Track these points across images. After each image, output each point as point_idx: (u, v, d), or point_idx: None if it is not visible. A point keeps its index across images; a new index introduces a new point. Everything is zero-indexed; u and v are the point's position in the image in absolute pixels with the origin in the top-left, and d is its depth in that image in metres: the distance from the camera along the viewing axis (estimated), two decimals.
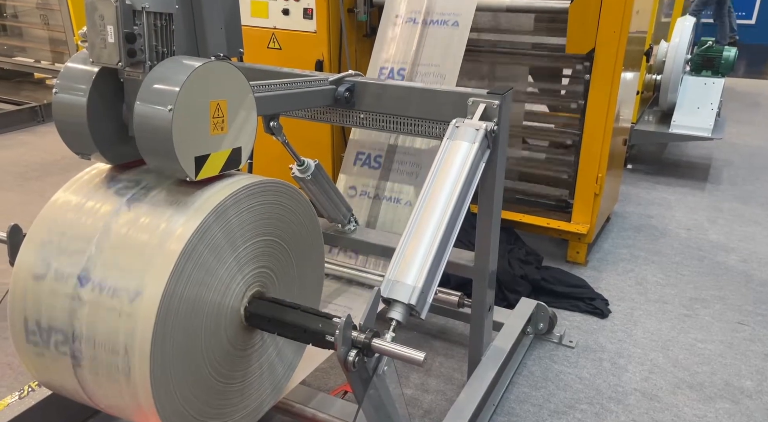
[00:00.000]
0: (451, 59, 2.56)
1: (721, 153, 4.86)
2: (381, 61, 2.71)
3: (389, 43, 2.70)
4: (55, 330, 1.39)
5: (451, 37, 2.58)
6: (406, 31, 2.68)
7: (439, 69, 2.58)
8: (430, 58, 2.61)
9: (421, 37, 2.65)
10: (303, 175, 2.11)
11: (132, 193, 1.45)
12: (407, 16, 2.69)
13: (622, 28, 2.80)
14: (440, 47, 2.59)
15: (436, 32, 2.62)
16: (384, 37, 2.73)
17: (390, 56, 2.69)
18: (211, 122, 1.38)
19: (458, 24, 2.58)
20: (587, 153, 3.09)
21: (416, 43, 2.64)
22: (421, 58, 2.63)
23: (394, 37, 2.70)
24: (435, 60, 2.60)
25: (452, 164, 1.86)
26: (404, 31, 2.69)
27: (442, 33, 2.61)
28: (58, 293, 1.38)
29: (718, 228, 3.71)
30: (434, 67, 2.59)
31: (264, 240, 1.59)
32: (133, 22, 1.30)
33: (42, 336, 1.40)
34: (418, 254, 1.69)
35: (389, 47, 2.70)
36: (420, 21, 2.65)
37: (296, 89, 1.99)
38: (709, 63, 4.38)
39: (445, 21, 2.62)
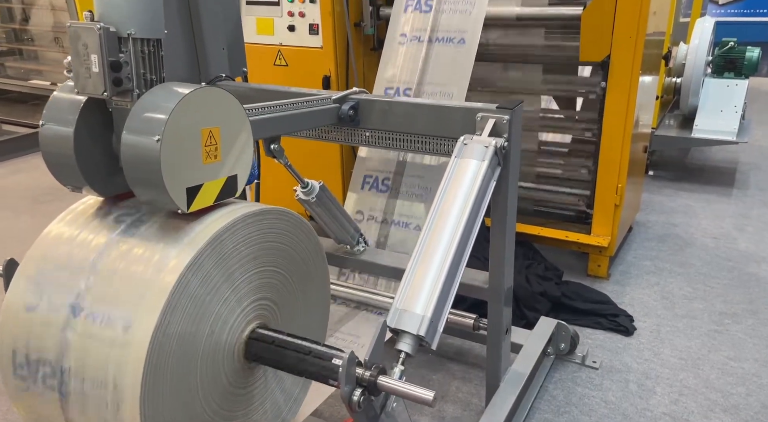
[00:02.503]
0: (458, 78, 2.48)
1: (748, 157, 4.68)
2: (386, 82, 2.65)
3: (394, 63, 2.64)
4: (43, 362, 1.34)
5: (457, 55, 2.50)
6: (411, 50, 2.61)
7: (446, 88, 2.51)
8: (436, 77, 2.54)
9: (427, 56, 2.57)
10: (307, 197, 2.04)
11: (124, 225, 1.39)
12: (412, 35, 2.63)
13: (638, 33, 2.69)
14: (446, 66, 2.51)
15: (441, 51, 2.54)
16: (389, 56, 2.66)
17: (395, 76, 2.62)
18: (203, 151, 1.32)
19: (464, 41, 2.50)
20: (606, 163, 2.97)
21: (422, 62, 2.57)
22: (426, 77, 2.56)
23: (399, 56, 2.63)
24: (441, 79, 2.52)
25: (461, 183, 1.77)
26: (409, 50, 2.61)
27: (448, 51, 2.53)
28: (50, 324, 1.33)
29: (747, 237, 3.55)
30: (440, 86, 2.52)
31: (264, 271, 1.52)
32: (118, 49, 1.24)
33: (30, 369, 1.35)
34: (427, 281, 1.61)
35: (394, 67, 2.64)
36: (425, 39, 2.58)
37: (298, 110, 1.93)
38: (732, 64, 4.22)
39: (451, 39, 2.54)
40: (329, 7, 2.97)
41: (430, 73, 2.55)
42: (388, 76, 2.64)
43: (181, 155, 1.26)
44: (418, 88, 2.56)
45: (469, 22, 2.51)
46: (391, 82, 2.63)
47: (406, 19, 2.66)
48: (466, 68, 2.47)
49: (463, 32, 2.51)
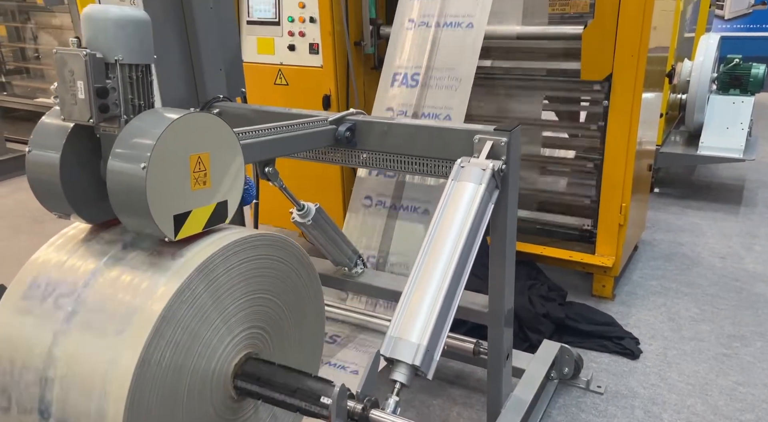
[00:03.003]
0: (467, 62, 2.46)
1: (755, 174, 4.62)
2: (394, 67, 2.63)
3: (402, 48, 2.62)
4: (26, 395, 1.30)
5: (465, 39, 2.48)
6: (419, 35, 2.60)
7: (454, 72, 2.49)
8: (444, 61, 2.52)
9: (435, 41, 2.55)
10: (303, 220, 2.01)
11: (113, 252, 1.37)
12: (420, 20, 2.61)
13: (640, 51, 2.66)
14: (455, 50, 2.49)
15: (449, 35, 2.52)
16: (397, 42, 2.65)
17: (403, 61, 2.61)
18: (191, 177, 1.29)
19: (472, 25, 2.48)
20: (609, 182, 2.93)
21: (429, 46, 2.55)
22: (435, 62, 2.54)
23: (406, 41, 2.62)
24: (449, 63, 2.50)
25: (457, 207, 1.74)
26: (417, 35, 2.60)
27: (456, 35, 2.51)
28: (33, 351, 1.30)
29: (755, 256, 3.48)
30: (448, 70, 2.50)
31: (256, 298, 1.48)
32: (105, 75, 1.23)
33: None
34: (423, 308, 1.57)
35: (402, 52, 2.62)
36: (433, 24, 2.57)
37: (293, 132, 1.91)
38: (737, 81, 4.18)
39: (459, 23, 2.53)
40: (329, 27, 2.97)
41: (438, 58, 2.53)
42: (397, 62, 2.63)
43: (168, 182, 1.24)
44: (426, 72, 2.54)
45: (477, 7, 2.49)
46: (400, 68, 2.61)
47: (413, 4, 2.64)
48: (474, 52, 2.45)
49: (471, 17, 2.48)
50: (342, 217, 2.78)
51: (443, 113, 2.53)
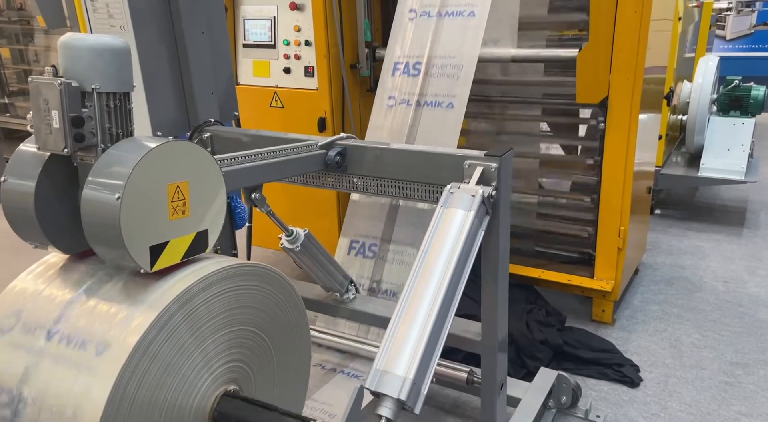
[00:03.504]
0: (469, 50, 2.45)
1: (758, 195, 4.56)
2: (395, 57, 2.62)
3: (403, 39, 2.61)
4: None
5: (467, 27, 2.46)
6: (420, 24, 2.59)
7: (456, 60, 2.48)
8: (446, 50, 2.50)
9: (437, 30, 2.54)
10: (292, 246, 1.98)
11: (91, 282, 1.34)
12: (422, 10, 2.61)
13: (635, 75, 2.64)
14: (456, 39, 2.48)
15: (451, 24, 2.51)
16: (398, 33, 2.64)
17: (405, 51, 2.59)
18: (169, 207, 1.27)
19: (474, 14, 2.47)
20: (607, 206, 2.89)
21: (431, 36, 2.54)
22: (436, 51, 2.53)
23: (408, 32, 2.61)
24: (451, 52, 2.49)
25: (446, 234, 1.70)
26: (419, 25, 2.59)
27: (457, 24, 2.50)
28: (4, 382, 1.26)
29: (758, 280, 3.42)
30: (450, 58, 2.49)
31: (237, 331, 1.44)
32: (81, 104, 1.21)
33: None
34: (410, 339, 1.52)
35: (404, 43, 2.61)
36: (434, 14, 2.56)
37: (281, 157, 1.89)
38: (737, 103, 4.15)
39: (461, 12, 2.52)
40: (324, 50, 2.97)
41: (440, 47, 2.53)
42: (398, 52, 2.62)
43: (143, 212, 1.21)
44: (428, 61, 2.53)
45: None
46: (401, 57, 2.60)
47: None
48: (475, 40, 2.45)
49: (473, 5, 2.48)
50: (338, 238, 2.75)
51: (445, 100, 2.50)
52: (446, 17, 2.52)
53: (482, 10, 2.43)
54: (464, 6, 2.49)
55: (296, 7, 2.99)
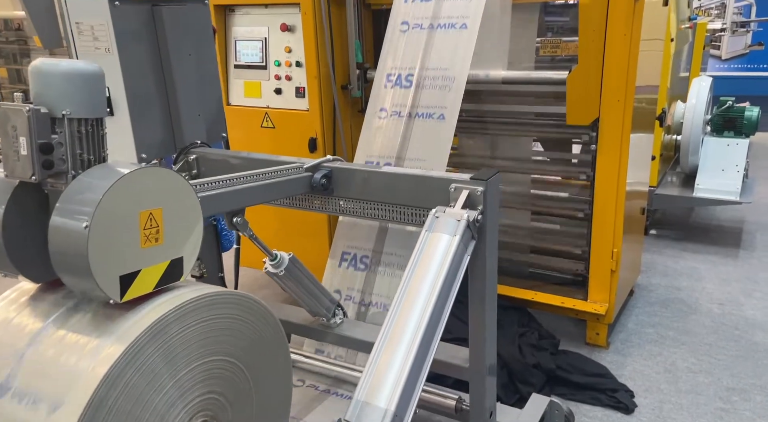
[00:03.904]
0: (460, 62, 2.44)
1: (754, 216, 4.53)
2: (387, 69, 2.61)
3: (395, 51, 2.60)
4: None
5: (459, 40, 2.46)
6: (412, 37, 2.58)
7: (448, 72, 2.47)
8: (438, 62, 2.50)
9: (428, 42, 2.53)
10: (276, 270, 1.94)
11: (62, 311, 1.30)
12: (414, 23, 2.61)
13: (626, 96, 2.63)
14: (448, 51, 2.48)
15: (443, 36, 2.50)
16: (390, 45, 2.63)
17: (397, 63, 2.59)
18: (141, 235, 1.24)
19: (466, 26, 2.46)
20: (600, 227, 2.86)
21: (423, 48, 2.53)
22: (428, 62, 2.52)
23: (400, 44, 2.60)
24: (443, 64, 2.48)
25: (431, 260, 1.67)
26: (411, 38, 2.58)
27: (449, 36, 2.49)
28: None
29: (754, 303, 3.38)
30: (442, 70, 2.48)
31: (214, 361, 1.40)
32: (51, 130, 1.18)
33: None
34: (392, 370, 1.48)
35: (395, 55, 2.60)
36: (426, 26, 2.55)
37: (265, 180, 1.86)
38: (731, 124, 4.14)
39: (453, 24, 2.51)
40: (315, 71, 2.97)
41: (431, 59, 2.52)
42: (390, 64, 2.62)
43: (113, 241, 1.18)
44: (420, 73, 2.52)
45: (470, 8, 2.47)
46: (393, 69, 2.60)
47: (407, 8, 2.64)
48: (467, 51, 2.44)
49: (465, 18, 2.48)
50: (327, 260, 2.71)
51: (437, 112, 2.49)
52: (438, 29, 2.52)
53: (474, 22, 2.43)
54: (456, 18, 2.48)
55: (287, 29, 2.99)
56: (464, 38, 2.44)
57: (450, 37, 2.48)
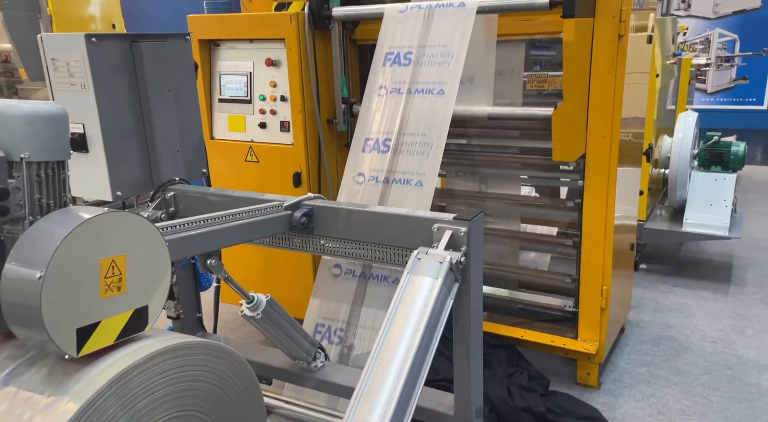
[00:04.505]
0: (438, 128, 2.44)
1: (744, 250, 4.51)
2: (365, 133, 2.60)
3: (374, 115, 2.60)
4: None
5: (437, 106, 2.46)
6: (390, 101, 2.58)
7: (426, 138, 2.46)
8: (415, 127, 2.49)
9: (406, 107, 2.54)
10: (253, 313, 1.87)
11: (12, 367, 1.22)
12: (392, 87, 2.61)
13: (612, 133, 2.61)
14: (426, 117, 2.48)
15: (421, 101, 2.51)
16: (368, 108, 2.63)
17: (375, 127, 2.59)
18: (102, 284, 1.17)
19: (444, 92, 2.47)
20: (588, 264, 2.81)
21: (401, 113, 2.53)
22: (406, 128, 2.52)
23: (378, 108, 2.60)
24: (421, 129, 2.48)
25: (413, 304, 1.61)
26: (389, 102, 2.58)
27: (427, 102, 2.50)
28: None
29: (747, 340, 3.31)
30: (420, 136, 2.48)
31: (182, 417, 1.32)
32: (8, 174, 1.13)
33: None
34: (372, 420, 1.41)
35: (374, 119, 2.60)
36: (404, 91, 2.56)
37: (243, 220, 1.81)
38: (718, 158, 4.15)
39: (431, 90, 2.52)
40: (300, 106, 2.94)
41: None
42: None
43: (70, 291, 1.11)
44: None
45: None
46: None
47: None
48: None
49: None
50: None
51: (415, 178, 2.48)
52: (416, 94, 2.52)
53: (451, 88, 2.44)
54: (434, 84, 2.49)
55: (272, 63, 2.98)
56: (442, 104, 2.45)
57: (427, 102, 2.48)
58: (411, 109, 2.55)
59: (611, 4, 2.46)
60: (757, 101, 8.61)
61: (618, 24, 2.47)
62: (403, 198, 2.47)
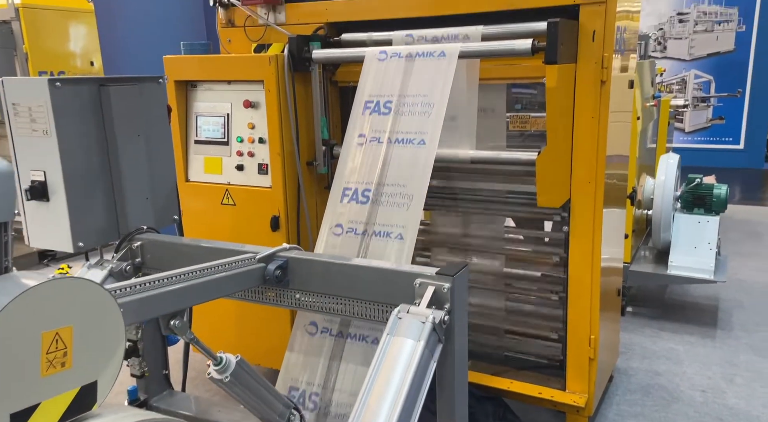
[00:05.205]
0: (419, 179, 2.37)
1: (728, 292, 4.47)
2: (344, 182, 2.54)
3: (353, 163, 2.54)
4: None
5: (417, 157, 2.41)
6: (370, 150, 2.52)
7: (406, 189, 2.40)
8: (395, 178, 2.43)
9: (386, 157, 2.48)
10: (221, 376, 1.73)
11: None
12: (371, 135, 2.54)
13: (597, 178, 2.56)
14: (406, 167, 2.42)
15: (401, 152, 2.45)
16: (347, 157, 2.56)
17: (354, 177, 2.51)
18: (43, 360, 1.05)
19: (424, 142, 2.41)
20: (575, 313, 2.72)
21: (381, 163, 2.47)
22: (386, 178, 2.45)
23: (357, 156, 2.54)
24: (401, 180, 2.41)
25: (393, 369, 1.50)
26: (368, 151, 2.53)
27: (407, 152, 2.44)
28: None
29: (736, 389, 3.23)
30: (400, 187, 2.42)
31: None
32: None
33: None
34: None
35: (353, 167, 2.53)
36: (384, 140, 2.50)
37: (211, 275, 1.69)
38: (700, 201, 4.14)
39: (411, 140, 2.46)
40: (278, 148, 2.86)
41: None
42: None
43: (4, 371, 0.99)
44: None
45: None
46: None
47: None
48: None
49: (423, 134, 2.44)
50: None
51: (395, 231, 2.39)
52: (396, 144, 2.47)
53: (432, 138, 2.40)
54: (414, 134, 2.44)
55: (251, 105, 2.91)
56: (422, 154, 2.40)
57: (408, 152, 2.43)
58: (391, 159, 2.48)
59: (593, 51, 2.44)
60: (733, 141, 8.78)
61: (600, 70, 2.46)
62: (383, 251, 2.38)
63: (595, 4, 2.41)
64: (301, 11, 2.98)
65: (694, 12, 8.55)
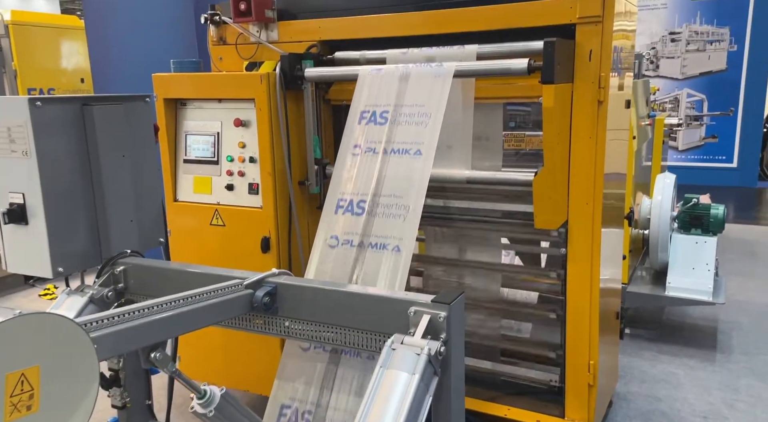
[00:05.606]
0: (415, 190, 2.32)
1: (727, 314, 4.41)
2: (339, 193, 2.48)
3: (348, 175, 2.49)
4: None
5: (414, 167, 2.36)
6: (365, 161, 2.48)
7: (402, 201, 2.35)
8: (392, 189, 2.38)
9: (382, 168, 2.43)
10: (204, 410, 1.64)
11: None
12: (366, 146, 2.49)
13: (594, 199, 2.51)
14: (402, 178, 2.38)
15: (397, 162, 2.41)
16: (342, 168, 2.52)
17: (349, 188, 2.46)
18: (6, 404, 0.96)
19: (421, 153, 2.37)
20: (573, 338, 2.65)
21: (377, 174, 2.43)
22: (382, 189, 2.40)
23: (353, 168, 2.49)
24: (397, 191, 2.36)
25: (386, 404, 1.42)
26: (363, 162, 2.48)
27: (403, 163, 2.39)
28: None
29: (738, 415, 3.15)
30: (396, 198, 2.37)
31: None
32: None
33: None
34: None
35: (348, 179, 2.48)
36: (380, 151, 2.45)
37: (196, 304, 1.61)
38: (697, 221, 4.10)
39: (407, 150, 2.41)
40: (269, 167, 2.79)
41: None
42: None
43: None
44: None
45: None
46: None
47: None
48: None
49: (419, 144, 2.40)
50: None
51: (392, 243, 2.33)
52: (392, 155, 2.43)
53: (429, 149, 2.36)
54: (411, 144, 2.41)
55: (241, 124, 2.85)
56: (419, 165, 2.36)
57: (404, 162, 2.39)
58: (387, 169, 2.43)
59: (590, 70, 2.41)
60: (726, 159, 8.80)
61: (597, 90, 2.42)
62: (380, 264, 2.31)
63: (591, 24, 2.37)
64: (294, 29, 2.93)
65: (686, 31, 8.63)
